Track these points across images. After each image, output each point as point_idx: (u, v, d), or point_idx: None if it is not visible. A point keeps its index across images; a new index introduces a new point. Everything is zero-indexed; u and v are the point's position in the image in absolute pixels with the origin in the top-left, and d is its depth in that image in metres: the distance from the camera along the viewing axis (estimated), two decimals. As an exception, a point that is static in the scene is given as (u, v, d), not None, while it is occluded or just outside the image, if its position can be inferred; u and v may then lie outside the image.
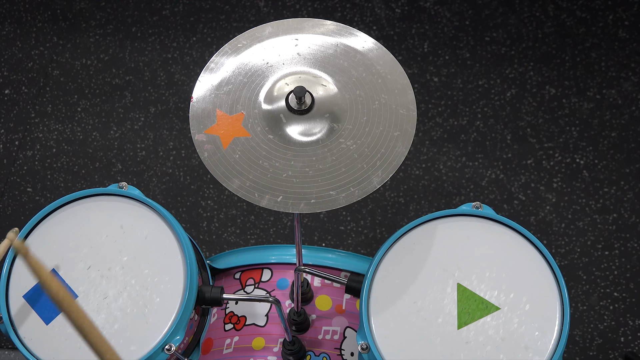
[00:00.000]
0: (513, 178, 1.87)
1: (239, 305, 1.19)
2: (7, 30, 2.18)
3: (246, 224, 1.86)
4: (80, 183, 1.95)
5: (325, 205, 0.85)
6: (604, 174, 1.86)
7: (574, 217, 1.81)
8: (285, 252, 1.23)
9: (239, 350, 1.15)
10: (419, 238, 0.98)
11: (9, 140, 2.02)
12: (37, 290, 0.97)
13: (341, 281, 1.04)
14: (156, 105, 2.03)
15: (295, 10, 2.13)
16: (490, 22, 2.06)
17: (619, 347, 1.69)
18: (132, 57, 2.10)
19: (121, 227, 1.00)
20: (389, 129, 0.89)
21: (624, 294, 1.73)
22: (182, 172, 1.94)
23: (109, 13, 2.17)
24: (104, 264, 0.97)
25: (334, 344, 1.14)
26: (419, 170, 1.89)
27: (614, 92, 1.95)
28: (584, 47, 2.01)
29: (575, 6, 2.06)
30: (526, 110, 1.95)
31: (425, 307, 0.93)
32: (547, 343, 0.90)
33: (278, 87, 0.92)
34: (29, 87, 2.09)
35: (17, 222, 1.92)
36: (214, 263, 1.23)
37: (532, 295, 0.93)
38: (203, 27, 2.13)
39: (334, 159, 0.88)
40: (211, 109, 0.91)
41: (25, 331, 0.95)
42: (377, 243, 1.82)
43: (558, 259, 1.77)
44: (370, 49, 0.95)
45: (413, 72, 2.01)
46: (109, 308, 0.95)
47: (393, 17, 2.09)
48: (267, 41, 0.95)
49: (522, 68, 2.00)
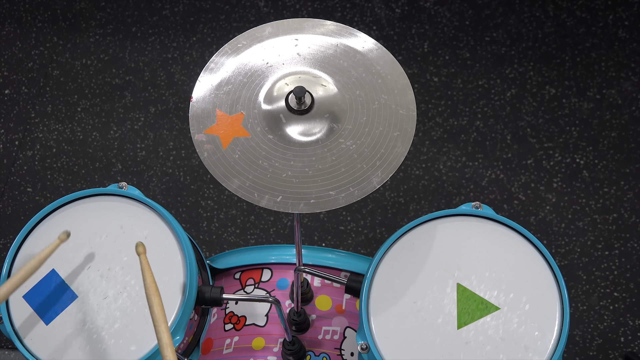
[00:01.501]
0: (513, 178, 1.87)
1: (239, 305, 1.19)
2: (7, 30, 2.18)
3: (246, 224, 1.86)
4: (80, 183, 1.95)
5: (325, 206, 0.85)
6: (604, 174, 1.86)
7: (574, 217, 1.81)
8: (285, 252, 1.23)
9: (238, 350, 1.15)
10: (419, 238, 0.98)
11: (9, 140, 2.02)
12: (37, 291, 0.97)
13: (341, 281, 1.04)
14: (156, 105, 2.03)
15: (295, 10, 2.13)
16: (490, 22, 2.06)
17: (619, 347, 1.69)
18: (132, 57, 2.10)
19: (121, 227, 1.00)
20: (388, 129, 0.89)
21: (624, 294, 1.73)
22: (182, 172, 1.94)
23: (109, 13, 2.17)
24: (104, 264, 0.97)
25: (334, 344, 1.14)
26: (419, 170, 1.89)
27: (614, 92, 1.95)
28: (584, 47, 2.01)
29: (575, 6, 2.06)
30: (526, 110, 1.95)
31: (425, 307, 0.93)
32: (547, 343, 0.90)
33: (278, 87, 0.92)
34: (29, 87, 2.09)
35: (17, 222, 1.92)
36: (214, 263, 1.23)
37: (532, 295, 0.93)
38: (203, 27, 2.13)
39: (333, 159, 0.88)
40: (211, 109, 0.91)
41: (25, 331, 0.95)
42: (377, 243, 1.82)
43: (558, 259, 1.77)
44: (370, 49, 0.95)
45: (413, 72, 2.01)
46: (109, 308, 0.95)
47: (393, 17, 2.09)
48: (267, 41, 0.95)
49: (522, 68, 2.00)
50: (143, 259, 0.91)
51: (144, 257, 0.91)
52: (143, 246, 0.92)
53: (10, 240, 1.89)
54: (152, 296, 0.87)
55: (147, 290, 0.88)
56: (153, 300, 0.86)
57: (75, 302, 0.95)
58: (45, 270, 0.97)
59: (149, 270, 0.89)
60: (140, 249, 0.92)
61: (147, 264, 0.90)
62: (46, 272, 0.97)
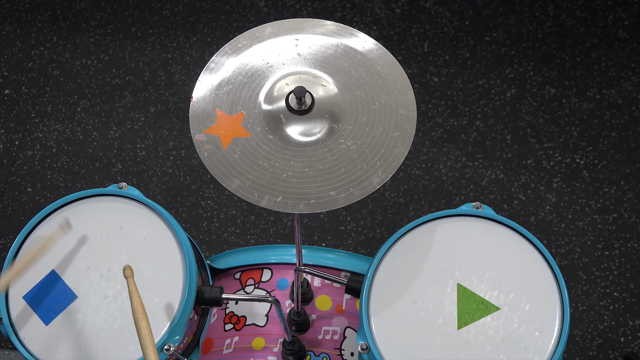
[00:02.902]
0: (513, 178, 1.87)
1: (239, 305, 1.19)
2: (7, 30, 2.18)
3: (246, 224, 1.86)
4: (80, 183, 1.95)
5: (325, 206, 0.85)
6: (604, 174, 1.86)
7: (574, 217, 1.81)
8: (285, 252, 1.23)
9: (238, 350, 1.15)
10: (419, 238, 0.98)
11: (9, 140, 2.02)
12: (37, 291, 0.97)
13: (341, 281, 1.04)
14: (156, 105, 2.03)
15: (295, 10, 2.13)
16: (490, 22, 2.06)
17: (619, 347, 1.69)
18: (132, 57, 2.10)
19: (121, 227, 1.00)
20: (388, 129, 0.89)
21: (624, 294, 1.73)
22: (182, 172, 1.94)
23: (109, 13, 2.17)
24: (104, 264, 0.97)
25: (334, 344, 1.14)
26: (419, 170, 1.89)
27: (614, 92, 1.95)
28: (584, 47, 2.01)
29: (575, 6, 2.06)
30: (526, 110, 1.95)
31: (425, 307, 0.93)
32: (547, 343, 0.90)
33: (278, 87, 0.92)
34: (29, 87, 2.09)
35: (17, 222, 1.92)
36: (214, 263, 1.23)
37: (532, 295, 0.93)
38: (203, 27, 2.13)
39: (333, 159, 0.88)
40: (211, 109, 0.91)
41: (25, 332, 0.95)
42: (377, 243, 1.82)
43: (558, 259, 1.77)
44: (371, 49, 0.95)
45: (413, 72, 2.01)
46: (108, 308, 0.95)
47: (393, 17, 2.09)
48: (267, 41, 0.95)
49: (522, 68, 2.00)
50: (130, 282, 0.90)
51: (131, 280, 0.90)
52: (131, 269, 0.91)
53: (10, 240, 1.89)
54: (140, 320, 0.86)
55: (135, 313, 0.87)
56: (141, 323, 0.86)
57: (75, 302, 0.95)
58: (45, 270, 0.97)
59: (136, 293, 0.89)
60: (127, 272, 0.91)
61: (135, 287, 0.90)
62: (46, 273, 0.97)
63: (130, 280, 0.90)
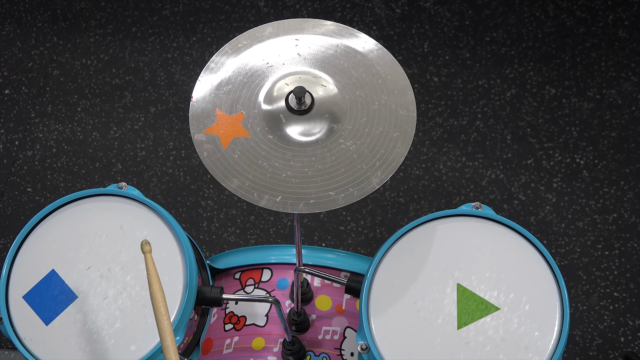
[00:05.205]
0: (513, 178, 1.87)
1: (238, 305, 1.19)
2: (7, 30, 2.18)
3: (246, 224, 1.86)
4: (80, 183, 1.95)
5: (324, 206, 0.85)
6: (604, 174, 1.86)
7: (574, 217, 1.81)
8: (285, 252, 1.23)
9: (238, 350, 1.15)
10: (419, 238, 0.98)
11: (9, 140, 2.02)
12: (37, 291, 0.97)
13: (341, 281, 1.04)
14: (156, 105, 2.03)
15: (295, 10, 2.13)
16: (490, 22, 2.06)
17: (619, 347, 1.69)
18: (132, 57, 2.10)
19: (121, 227, 1.00)
20: (388, 129, 0.89)
21: (624, 294, 1.73)
22: (182, 172, 1.94)
23: (109, 13, 2.17)
24: (104, 264, 0.97)
25: (333, 344, 1.14)
26: (419, 170, 1.89)
27: (614, 92, 1.95)
28: (584, 47, 2.01)
29: (575, 6, 2.06)
30: (526, 110, 1.95)
31: (425, 307, 0.93)
32: (547, 343, 0.90)
33: (278, 87, 0.92)
34: (29, 87, 2.09)
35: (17, 222, 1.92)
36: (214, 263, 1.23)
37: (532, 296, 0.93)
38: (203, 27, 2.13)
39: (333, 159, 0.88)
40: (211, 109, 0.91)
41: (25, 331, 0.95)
42: (377, 243, 1.82)
43: (558, 259, 1.77)
44: (371, 49, 0.95)
45: (413, 72, 2.01)
46: (109, 308, 0.95)
47: (393, 17, 2.09)
48: (267, 41, 0.95)
49: (522, 68, 2.00)
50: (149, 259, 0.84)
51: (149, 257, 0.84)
52: (149, 244, 0.85)
53: (10, 240, 1.89)
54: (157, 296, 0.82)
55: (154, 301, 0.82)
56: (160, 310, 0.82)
57: (75, 302, 0.95)
58: (45, 270, 0.97)
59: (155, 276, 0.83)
60: (146, 247, 0.85)
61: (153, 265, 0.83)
62: (46, 273, 0.97)
63: (148, 257, 0.84)
